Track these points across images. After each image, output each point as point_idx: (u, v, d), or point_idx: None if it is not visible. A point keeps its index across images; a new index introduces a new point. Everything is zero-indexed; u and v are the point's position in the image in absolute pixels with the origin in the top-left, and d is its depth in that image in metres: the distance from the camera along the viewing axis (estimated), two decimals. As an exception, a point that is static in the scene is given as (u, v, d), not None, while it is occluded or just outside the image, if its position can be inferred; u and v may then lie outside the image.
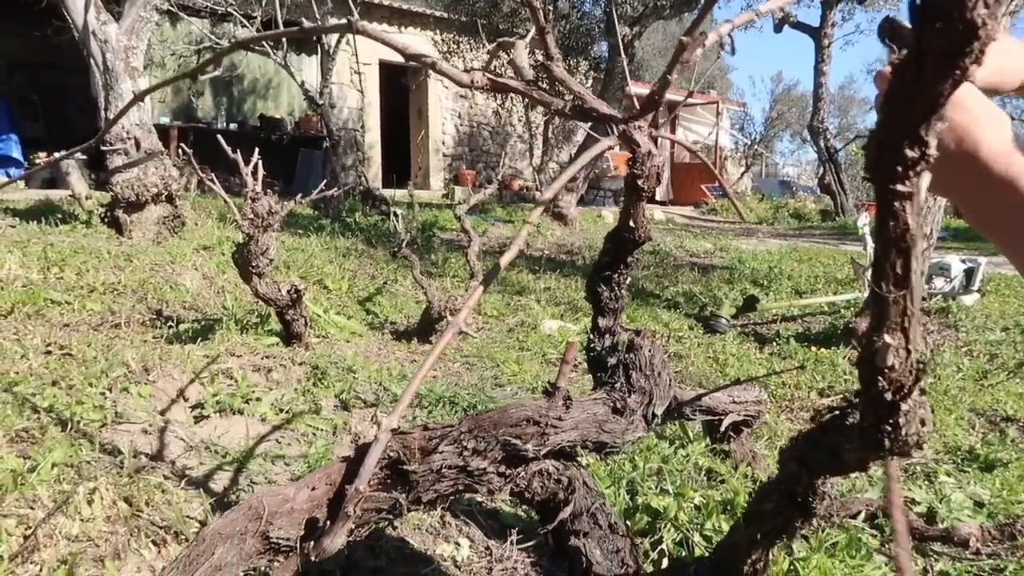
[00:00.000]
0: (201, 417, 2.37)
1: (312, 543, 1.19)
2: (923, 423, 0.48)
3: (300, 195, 3.21)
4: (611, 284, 1.25)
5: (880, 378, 0.46)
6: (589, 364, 1.27)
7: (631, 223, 1.15)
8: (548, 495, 1.17)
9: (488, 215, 9.84)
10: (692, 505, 2.26)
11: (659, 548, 2.03)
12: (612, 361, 1.21)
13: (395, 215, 7.63)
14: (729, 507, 2.26)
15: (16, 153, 9.94)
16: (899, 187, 0.38)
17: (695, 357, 3.92)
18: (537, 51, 1.17)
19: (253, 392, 2.53)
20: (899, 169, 0.37)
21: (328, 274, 4.70)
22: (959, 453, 2.79)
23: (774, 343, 4.43)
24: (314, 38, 9.36)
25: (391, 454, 1.19)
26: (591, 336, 1.28)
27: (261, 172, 2.79)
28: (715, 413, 2.50)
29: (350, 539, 1.24)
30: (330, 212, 7.95)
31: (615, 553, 1.08)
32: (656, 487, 2.33)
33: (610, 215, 11.85)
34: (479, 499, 2.32)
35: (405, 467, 1.19)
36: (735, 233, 10.87)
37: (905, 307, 0.43)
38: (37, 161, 9.76)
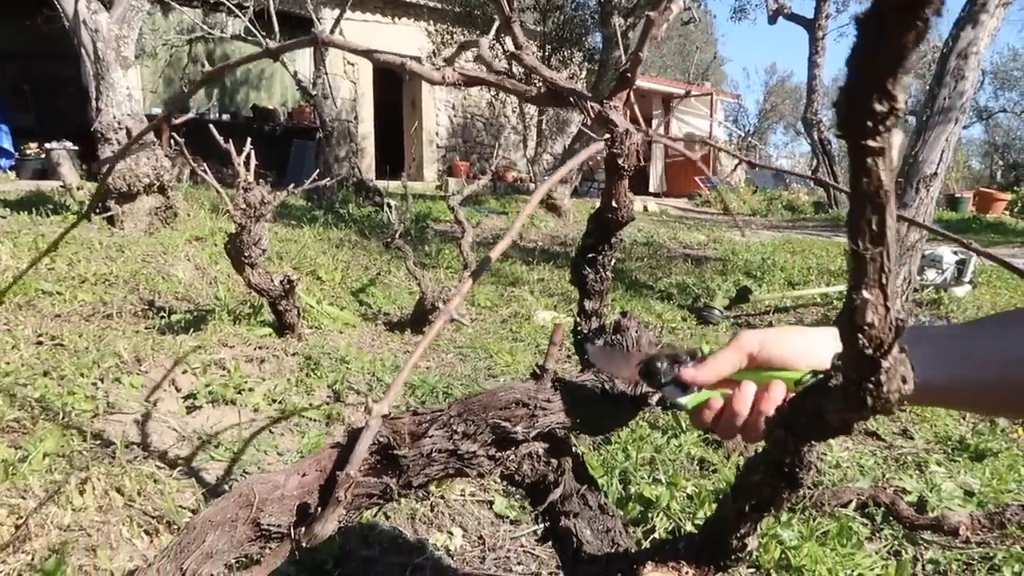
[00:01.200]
0: (194, 408, 2.37)
1: (303, 529, 1.19)
2: (904, 380, 0.48)
3: (293, 185, 3.19)
4: (596, 266, 1.25)
5: (860, 335, 0.46)
6: (576, 347, 1.27)
7: (613, 203, 1.15)
8: (538, 477, 1.18)
9: (482, 207, 9.83)
10: (684, 494, 2.27)
11: (651, 537, 2.05)
12: (599, 343, 1.21)
13: (388, 206, 7.62)
14: (722, 496, 2.27)
15: (6, 143, 9.89)
16: (870, 143, 0.38)
17: (688, 348, 3.93)
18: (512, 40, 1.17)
19: (246, 382, 2.53)
20: (869, 124, 0.38)
21: (321, 265, 4.69)
22: (949, 443, 2.81)
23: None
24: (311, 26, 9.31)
25: (381, 439, 1.19)
26: (578, 319, 1.28)
27: (253, 162, 2.78)
28: (707, 402, 2.51)
29: (341, 524, 1.25)
30: (323, 203, 7.93)
31: (605, 533, 1.08)
32: (649, 477, 2.34)
33: (604, 207, 11.82)
34: (472, 490, 2.32)
35: (395, 452, 1.19)
36: (728, 225, 10.88)
37: (882, 264, 0.43)
38: (28, 152, 9.71)
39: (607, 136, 1.14)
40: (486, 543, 2.06)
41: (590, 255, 1.25)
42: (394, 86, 13.60)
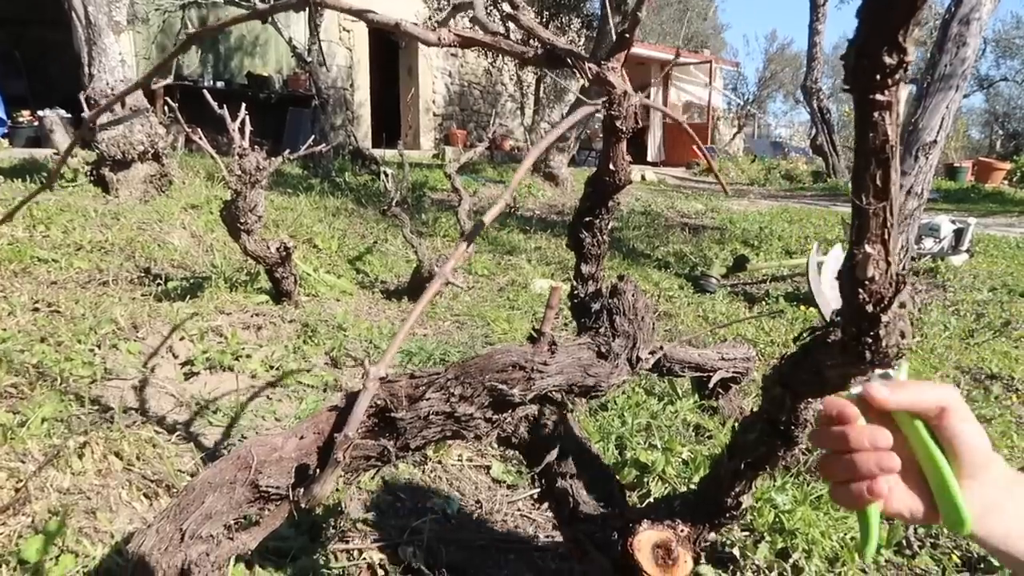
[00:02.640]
0: (191, 374, 2.37)
1: (302, 490, 1.20)
2: (903, 335, 0.48)
3: (288, 151, 3.17)
4: (592, 230, 1.25)
5: (861, 290, 0.46)
6: (573, 310, 1.27)
7: (611, 166, 1.14)
8: (534, 439, 1.18)
9: (479, 175, 9.77)
10: (680, 460, 2.29)
11: (647, 502, 2.07)
12: (595, 307, 1.21)
13: (385, 174, 7.57)
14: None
15: (-1, 111, 9.78)
16: (878, 96, 0.38)
17: (685, 316, 3.94)
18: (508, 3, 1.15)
19: (243, 349, 2.53)
20: (878, 77, 0.37)
21: (318, 233, 4.67)
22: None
23: (763, 302, 4.45)
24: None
25: (379, 402, 1.19)
26: (574, 283, 1.28)
27: (248, 128, 2.76)
28: (704, 370, 2.52)
29: (339, 487, 1.26)
30: (319, 172, 7.88)
31: (601, 493, 1.09)
32: (645, 442, 2.36)
33: (602, 176, 11.77)
34: (470, 455, 2.34)
35: (393, 414, 1.20)
36: (727, 194, 10.84)
37: (885, 219, 0.43)
38: (20, 120, 9.60)
39: (605, 98, 1.13)
40: (483, 507, 2.08)
41: (587, 219, 1.25)
42: (391, 53, 13.45)
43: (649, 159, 16.80)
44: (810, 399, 0.68)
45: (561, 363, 1.19)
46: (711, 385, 2.59)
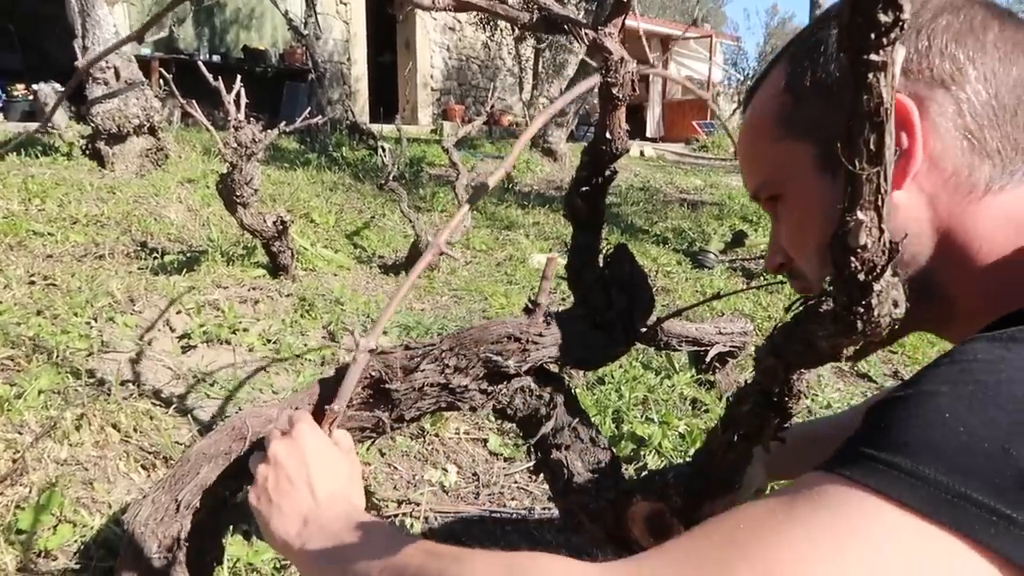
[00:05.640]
0: (188, 347, 2.37)
1: (296, 462, 1.20)
2: (896, 304, 0.48)
3: (284, 123, 3.14)
4: (589, 200, 1.23)
5: (852, 258, 0.46)
6: (569, 281, 1.26)
7: (607, 134, 1.12)
8: (530, 411, 1.18)
9: (477, 151, 9.72)
10: (677, 433, 2.30)
11: (643, 474, 2.08)
12: (592, 277, 1.21)
13: (382, 149, 7.53)
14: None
15: (-7, 85, 9.69)
16: (872, 56, 0.37)
17: (683, 291, 3.94)
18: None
19: (240, 323, 2.53)
20: (872, 36, 0.36)
21: (315, 208, 4.65)
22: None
23: (762, 277, 4.45)
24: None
25: (373, 373, 1.19)
26: (570, 253, 1.27)
27: (244, 100, 2.73)
28: (701, 344, 2.52)
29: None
30: (316, 146, 7.83)
31: (596, 464, 1.09)
32: (642, 416, 2.37)
33: (601, 152, 11.71)
34: (466, 428, 2.35)
35: (387, 386, 1.19)
36: (726, 170, 10.80)
37: (878, 184, 0.42)
38: (16, 93, 9.52)
39: (601, 65, 1.12)
40: (480, 479, 2.09)
41: (583, 188, 1.23)
42: (388, 27, 13.31)
43: (648, 135, 16.71)
44: (803, 370, 0.67)
45: (556, 334, 1.18)
46: (708, 359, 2.59)
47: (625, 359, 2.70)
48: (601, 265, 1.25)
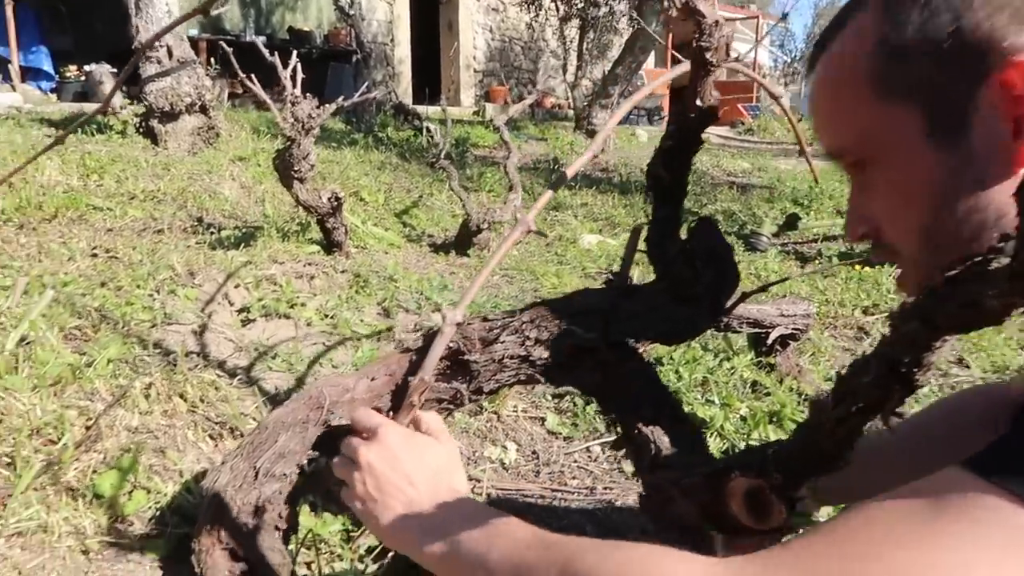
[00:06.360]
0: (248, 321, 2.39)
1: (374, 433, 1.19)
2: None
3: (343, 97, 3.14)
4: (674, 169, 1.19)
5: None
6: (650, 254, 1.22)
7: (699, 101, 1.08)
8: (611, 385, 1.15)
9: (521, 132, 9.66)
10: (738, 415, 2.26)
11: (741, 449, 2.03)
12: (675, 249, 1.16)
13: (428, 129, 7.52)
14: (776, 418, 2.25)
15: (47, 66, 9.87)
16: None
17: (736, 273, 3.86)
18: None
19: (298, 297, 2.54)
20: None
21: (364, 186, 4.66)
22: (1007, 371, 2.75)
23: (816, 261, 4.35)
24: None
25: (451, 345, 1.17)
26: (652, 226, 1.23)
27: (300, 76, 2.73)
28: (762, 326, 2.47)
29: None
30: (362, 127, 7.85)
31: (684, 440, 1.06)
32: (702, 398, 2.33)
33: (644, 134, 11.59)
34: (524, 406, 2.33)
35: (466, 358, 1.17)
36: (773, 153, 10.59)
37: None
38: (68, 75, 9.69)
39: (695, 28, 1.07)
40: (540, 458, 2.07)
41: (668, 157, 1.19)
42: (431, 8, 13.27)
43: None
44: (947, 337, 0.63)
45: (639, 308, 1.15)
46: (769, 341, 2.54)
47: (683, 340, 2.65)
48: (684, 238, 1.21)
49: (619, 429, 1.18)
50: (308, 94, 2.81)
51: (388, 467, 0.81)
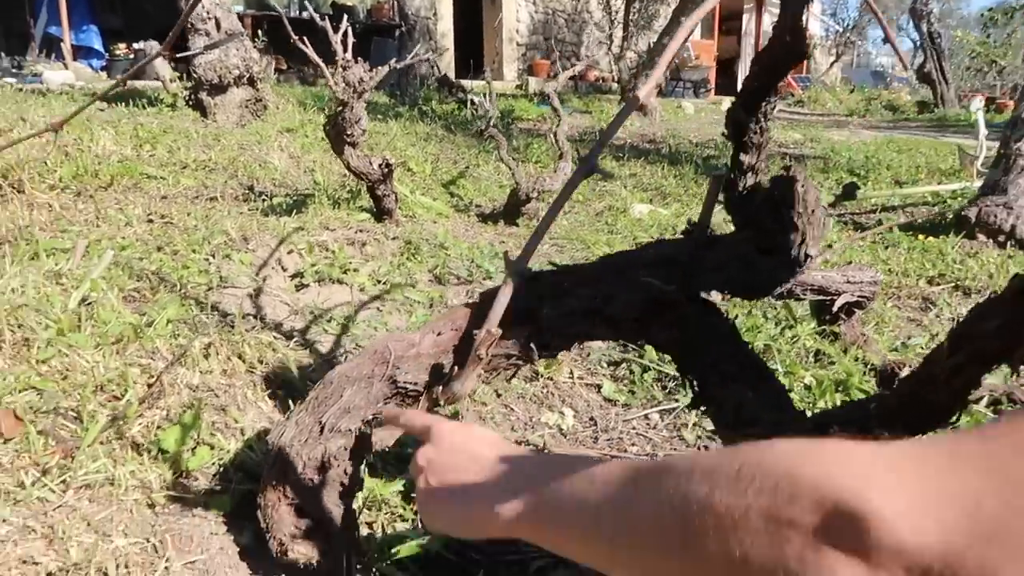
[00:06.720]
0: (301, 286, 2.38)
1: (441, 388, 1.16)
2: None
3: (395, 60, 3.09)
4: (758, 112, 1.12)
5: None
6: (729, 205, 1.16)
7: (787, 36, 1.01)
8: (689, 340, 1.10)
9: (565, 104, 9.51)
10: (803, 384, 2.18)
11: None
12: (759, 198, 1.10)
13: (472, 102, 7.46)
14: (843, 387, 2.17)
15: (97, 44, 10.02)
16: None
17: (793, 243, 3.74)
18: None
19: (350, 263, 2.52)
20: None
21: (411, 157, 4.63)
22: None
23: (875, 231, 4.20)
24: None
25: (520, 298, 1.12)
26: (732, 174, 1.17)
27: (351, 40, 2.69)
28: (828, 293, 2.38)
29: (478, 384, 1.21)
30: (406, 100, 7.82)
31: (770, 396, 1.00)
32: (764, 366, 2.25)
33: (690, 106, 11.37)
34: (580, 373, 2.28)
35: (535, 311, 1.13)
36: (824, 125, 10.30)
37: None
38: (118, 53, 9.83)
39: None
40: (598, 424, 2.03)
41: (752, 100, 1.12)
42: (473, -19, 13.13)
43: (739, 90, 16.04)
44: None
45: (721, 258, 1.09)
46: (835, 309, 2.44)
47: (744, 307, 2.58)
48: (768, 187, 1.14)
49: (695, 387, 1.12)
50: (360, 58, 2.77)
51: (447, 450, 0.75)
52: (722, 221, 1.22)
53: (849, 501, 0.33)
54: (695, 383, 1.11)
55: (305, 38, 2.82)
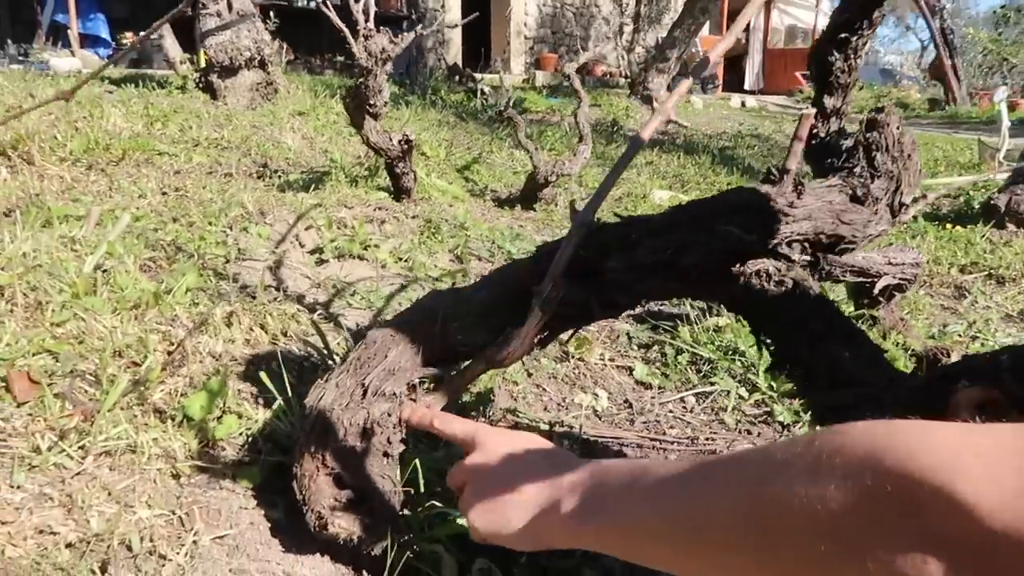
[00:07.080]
0: (321, 261, 2.29)
1: (496, 348, 1.06)
2: None
3: (418, 25, 2.99)
4: (846, 50, 1.03)
5: None
6: (813, 151, 1.06)
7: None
8: (769, 298, 1.00)
9: (572, 98, 9.44)
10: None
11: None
12: (848, 143, 1.00)
13: (483, 91, 7.37)
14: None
15: (104, 33, 9.93)
16: None
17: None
18: None
19: (371, 239, 2.43)
20: None
21: (425, 141, 4.53)
22: None
23: (900, 220, 4.11)
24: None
25: (580, 252, 1.02)
26: (816, 119, 1.07)
27: (373, 9, 2.60)
28: (869, 275, 2.28)
29: (534, 349, 1.12)
30: (416, 89, 7.73)
31: (863, 354, 0.91)
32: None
33: (699, 101, 11.27)
34: (611, 355, 2.18)
35: (599, 264, 1.03)
36: (836, 121, 10.19)
37: None
38: (124, 41, 9.73)
39: None
40: (633, 407, 1.94)
41: (841, 36, 1.03)
42: (482, -27, 13.03)
43: (746, 87, 15.98)
44: None
45: (809, 206, 0.99)
46: (875, 291, 2.35)
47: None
48: (859, 130, 1.05)
49: (775, 348, 1.03)
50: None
51: (495, 458, 0.67)
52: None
53: (937, 485, 0.31)
54: (772, 345, 1.02)
55: (327, 1, 2.72)
